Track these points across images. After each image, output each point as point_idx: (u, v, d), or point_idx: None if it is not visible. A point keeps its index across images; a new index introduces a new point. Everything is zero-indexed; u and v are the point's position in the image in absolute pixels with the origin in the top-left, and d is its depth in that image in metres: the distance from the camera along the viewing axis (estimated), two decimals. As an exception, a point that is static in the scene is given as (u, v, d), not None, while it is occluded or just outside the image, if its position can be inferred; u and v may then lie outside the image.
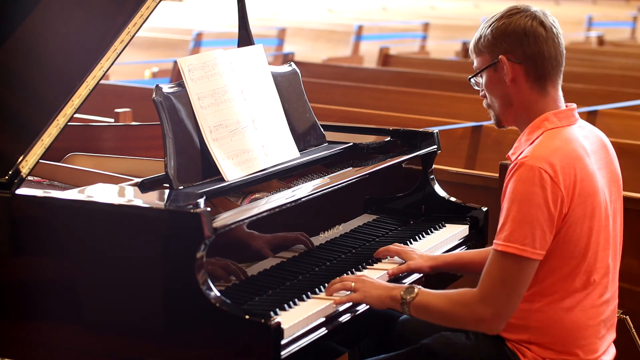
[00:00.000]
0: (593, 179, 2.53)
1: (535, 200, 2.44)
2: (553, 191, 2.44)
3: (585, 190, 2.50)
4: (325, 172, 3.15)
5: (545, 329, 2.55)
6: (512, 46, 2.58)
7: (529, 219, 2.44)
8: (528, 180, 2.45)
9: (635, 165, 4.39)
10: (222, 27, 12.78)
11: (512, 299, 2.48)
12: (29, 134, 2.61)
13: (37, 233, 2.53)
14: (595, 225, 2.53)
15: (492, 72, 2.64)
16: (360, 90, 6.87)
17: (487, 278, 2.50)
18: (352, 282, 2.63)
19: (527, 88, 2.60)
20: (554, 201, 2.45)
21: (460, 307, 2.52)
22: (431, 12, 18.37)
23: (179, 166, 2.67)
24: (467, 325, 2.58)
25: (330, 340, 2.54)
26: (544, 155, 2.48)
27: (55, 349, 2.52)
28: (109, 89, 6.34)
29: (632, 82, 7.31)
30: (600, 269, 2.57)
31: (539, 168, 2.45)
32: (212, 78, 2.84)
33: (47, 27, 2.80)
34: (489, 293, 2.48)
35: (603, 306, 2.60)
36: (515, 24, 2.58)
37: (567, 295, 2.54)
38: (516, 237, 2.45)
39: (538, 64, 2.58)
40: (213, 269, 2.47)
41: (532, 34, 2.57)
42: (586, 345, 2.57)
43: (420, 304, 2.57)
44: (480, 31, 2.66)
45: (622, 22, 16.28)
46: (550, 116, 2.59)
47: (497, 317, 2.49)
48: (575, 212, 2.48)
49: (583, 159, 2.53)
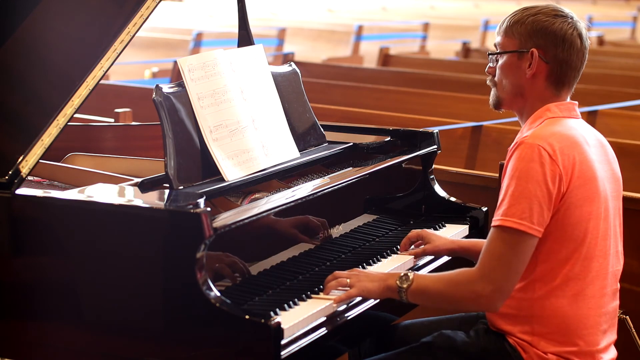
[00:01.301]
0: (592, 166, 2.57)
1: (534, 176, 2.48)
2: (552, 169, 2.48)
3: (584, 174, 2.53)
4: (325, 172, 3.15)
5: (546, 318, 2.56)
6: (547, 45, 2.61)
7: (526, 195, 2.47)
8: (527, 157, 2.49)
9: (635, 165, 4.39)
10: (222, 27, 12.78)
11: (510, 274, 2.50)
12: (29, 134, 2.61)
13: (37, 233, 2.53)
14: (595, 210, 2.55)
15: (515, 58, 2.65)
16: (360, 90, 6.87)
17: (485, 255, 2.52)
18: (346, 277, 2.63)
19: (543, 87, 2.64)
20: (552, 178, 2.48)
21: (458, 286, 2.54)
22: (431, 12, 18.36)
23: (179, 166, 2.67)
24: (466, 303, 2.58)
25: (331, 340, 2.54)
26: (544, 135, 2.53)
27: (55, 349, 2.52)
28: (109, 89, 6.34)
29: (632, 82, 7.31)
30: (599, 257, 2.58)
31: (538, 146, 2.49)
32: (212, 78, 2.84)
33: (47, 27, 2.80)
34: (487, 269, 2.50)
35: (604, 298, 2.61)
36: (557, 26, 2.61)
37: (567, 282, 2.55)
38: (514, 212, 2.48)
39: (563, 70, 2.63)
40: (214, 268, 2.47)
41: (569, 41, 2.61)
42: (587, 336, 2.58)
43: (417, 289, 2.57)
44: (518, 15, 2.65)
45: (622, 22, 16.29)
46: (552, 107, 2.64)
47: (496, 292, 2.50)
48: (573, 193, 2.51)
49: (582, 146, 2.57)
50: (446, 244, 2.99)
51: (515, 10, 2.69)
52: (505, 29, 2.67)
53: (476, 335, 2.68)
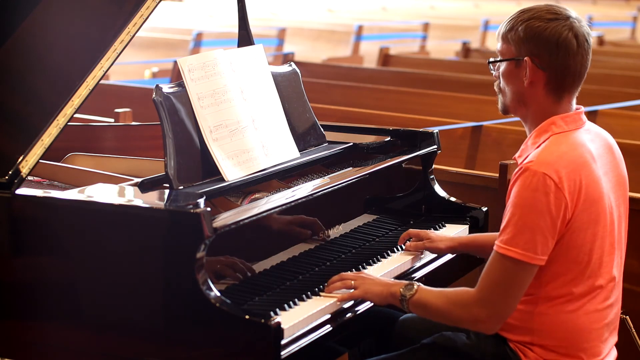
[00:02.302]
0: (599, 184, 2.52)
1: (538, 206, 2.43)
2: (556, 197, 2.43)
3: (590, 197, 2.49)
4: (325, 172, 3.15)
5: (548, 332, 2.55)
6: (540, 52, 2.54)
7: (530, 225, 2.43)
8: (532, 186, 2.44)
9: (635, 165, 4.38)
10: (222, 27, 12.77)
11: (509, 301, 2.48)
12: (29, 134, 2.61)
13: (37, 233, 2.53)
14: (600, 231, 2.52)
15: (512, 65, 2.59)
16: (360, 90, 6.87)
17: (485, 279, 2.50)
18: (351, 279, 2.64)
19: (543, 94, 2.57)
20: (556, 207, 2.43)
21: (457, 307, 2.53)
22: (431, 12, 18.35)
23: (179, 166, 2.67)
24: (464, 324, 2.58)
25: (331, 340, 2.54)
26: (550, 161, 2.46)
27: (55, 349, 2.52)
28: (109, 89, 6.33)
29: (632, 82, 7.30)
30: (605, 274, 2.56)
31: (543, 174, 2.43)
32: (212, 78, 2.84)
33: (47, 27, 2.80)
34: (486, 294, 2.48)
35: (607, 310, 2.59)
36: (550, 31, 2.52)
37: (570, 300, 2.53)
38: (517, 242, 2.44)
39: (560, 76, 2.55)
40: (214, 268, 2.47)
41: (563, 46, 2.52)
42: (589, 349, 2.57)
43: (419, 302, 2.57)
44: (513, 21, 2.58)
45: (622, 22, 16.27)
46: (558, 120, 2.57)
47: (493, 318, 2.50)
48: (579, 218, 2.47)
49: (589, 165, 2.51)
50: (445, 242, 2.99)
51: (512, 14, 2.61)
52: (503, 35, 2.61)
53: (477, 337, 2.68)
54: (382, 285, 2.63)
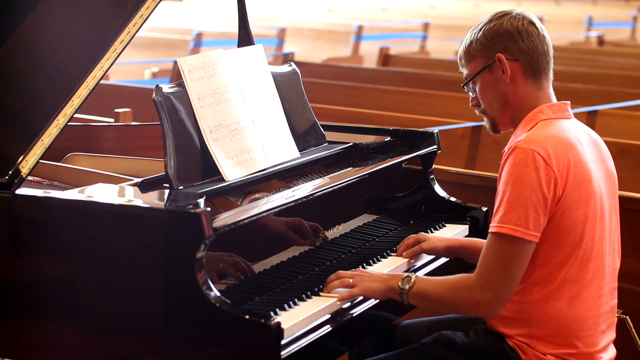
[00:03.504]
0: (587, 167, 2.56)
1: (529, 181, 2.47)
2: (546, 173, 2.48)
3: (579, 176, 2.53)
4: (325, 172, 3.15)
5: (544, 321, 2.56)
6: (507, 44, 2.64)
7: (522, 201, 2.47)
8: (521, 163, 2.49)
9: (635, 165, 4.39)
10: (222, 27, 12.77)
11: (508, 281, 2.50)
12: (29, 134, 2.61)
13: (37, 233, 2.53)
14: (590, 212, 2.55)
15: (487, 74, 2.67)
16: (360, 90, 6.87)
17: (483, 262, 2.52)
18: (349, 277, 2.64)
19: (524, 84, 2.65)
20: (547, 183, 2.48)
21: (458, 292, 2.55)
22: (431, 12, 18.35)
23: (179, 166, 2.67)
24: (465, 309, 2.60)
25: (331, 340, 2.54)
26: (538, 139, 2.53)
27: (55, 349, 2.52)
28: (109, 89, 6.34)
29: (632, 82, 7.31)
30: (596, 258, 2.58)
31: (532, 150, 2.49)
32: (212, 78, 2.84)
33: (48, 27, 2.80)
34: (486, 277, 2.51)
35: (602, 299, 2.61)
36: (507, 24, 2.64)
37: (564, 285, 2.55)
38: (509, 218, 2.48)
39: (533, 58, 2.64)
40: (214, 268, 2.47)
41: (524, 30, 2.63)
42: (586, 337, 2.58)
43: (418, 292, 2.58)
44: (469, 37, 2.70)
45: (622, 22, 16.27)
46: (545, 108, 2.64)
47: (495, 300, 2.51)
48: (569, 196, 2.51)
49: (576, 147, 2.56)
50: (443, 243, 3.00)
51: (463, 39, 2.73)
52: (464, 56, 2.71)
53: (475, 335, 2.69)
54: (380, 281, 2.64)
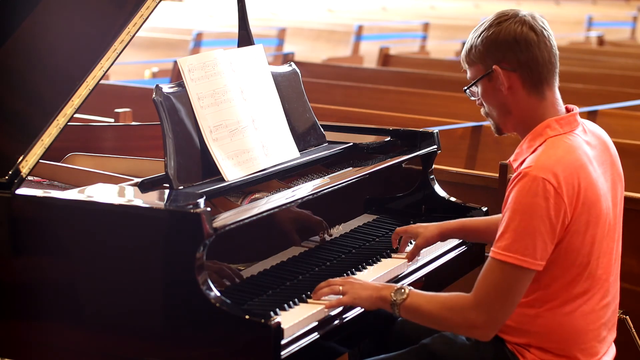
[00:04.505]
0: (596, 187, 2.51)
1: (538, 211, 2.41)
2: (556, 202, 2.41)
3: (589, 199, 2.47)
4: (325, 172, 3.15)
5: (545, 333, 2.54)
6: (504, 55, 2.54)
7: (530, 231, 2.41)
8: (531, 192, 2.41)
9: (635, 165, 4.39)
10: (222, 27, 12.77)
11: (506, 307, 2.46)
12: (29, 134, 2.61)
13: (37, 233, 2.53)
14: (599, 233, 2.51)
15: (486, 82, 2.59)
16: (360, 90, 6.87)
17: (482, 284, 2.46)
18: (339, 285, 2.60)
19: (525, 95, 2.56)
20: (556, 212, 2.42)
21: (452, 312, 2.49)
22: (431, 12, 18.35)
23: (179, 166, 2.67)
24: (458, 330, 2.55)
25: (330, 340, 2.54)
26: (548, 165, 2.44)
27: (55, 349, 2.52)
28: (109, 89, 6.34)
29: (632, 82, 7.30)
30: (602, 275, 2.55)
31: (543, 179, 2.41)
32: (212, 78, 2.84)
33: (48, 27, 2.80)
34: (483, 300, 2.45)
35: (604, 309, 2.58)
36: (505, 32, 2.53)
37: (567, 301, 2.52)
38: (517, 248, 2.41)
39: (533, 69, 2.54)
40: (214, 268, 2.47)
41: (523, 40, 2.52)
42: (586, 349, 2.56)
43: (410, 306, 2.53)
44: (470, 41, 2.61)
45: (622, 22, 16.27)
46: (552, 123, 2.55)
47: (489, 323, 2.47)
48: (577, 221, 2.46)
49: (586, 167, 2.49)
50: (434, 233, 2.95)
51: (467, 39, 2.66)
52: (465, 59, 2.64)
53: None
54: (371, 290, 2.59)
